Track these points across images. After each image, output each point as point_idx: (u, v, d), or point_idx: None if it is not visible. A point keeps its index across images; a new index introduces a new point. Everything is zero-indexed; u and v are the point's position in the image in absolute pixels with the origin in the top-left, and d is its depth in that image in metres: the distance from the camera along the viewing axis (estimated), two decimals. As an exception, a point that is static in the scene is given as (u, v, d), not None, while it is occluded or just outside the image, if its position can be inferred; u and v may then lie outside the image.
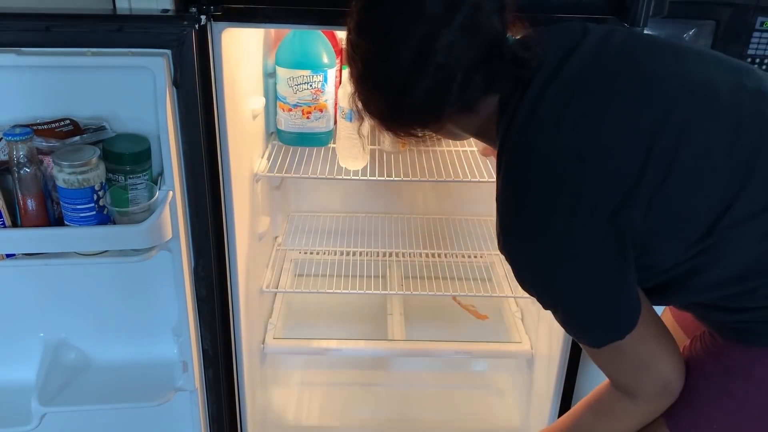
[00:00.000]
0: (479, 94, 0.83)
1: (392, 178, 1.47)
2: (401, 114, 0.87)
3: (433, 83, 0.80)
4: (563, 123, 0.79)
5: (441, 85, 0.80)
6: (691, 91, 0.79)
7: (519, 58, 0.81)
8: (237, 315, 1.31)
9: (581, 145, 0.78)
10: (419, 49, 0.78)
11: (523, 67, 0.81)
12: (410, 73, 0.80)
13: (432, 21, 0.78)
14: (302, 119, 1.44)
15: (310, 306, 1.88)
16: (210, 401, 1.32)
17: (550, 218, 0.79)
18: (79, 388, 1.22)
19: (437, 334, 1.71)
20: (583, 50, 0.83)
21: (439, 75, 0.79)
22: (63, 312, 1.23)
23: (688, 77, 0.81)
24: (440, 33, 0.77)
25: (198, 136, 1.08)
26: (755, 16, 1.21)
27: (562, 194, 0.78)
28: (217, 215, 1.18)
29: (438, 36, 0.77)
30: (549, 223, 0.79)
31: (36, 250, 1.05)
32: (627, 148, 0.77)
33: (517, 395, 1.75)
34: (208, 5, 1.02)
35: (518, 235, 0.84)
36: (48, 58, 0.98)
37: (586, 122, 0.78)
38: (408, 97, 0.82)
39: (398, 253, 1.83)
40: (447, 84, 0.80)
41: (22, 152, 0.97)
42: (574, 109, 0.79)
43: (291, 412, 1.74)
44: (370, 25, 0.83)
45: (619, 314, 0.81)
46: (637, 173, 0.76)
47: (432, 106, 0.83)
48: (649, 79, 0.81)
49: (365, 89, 0.87)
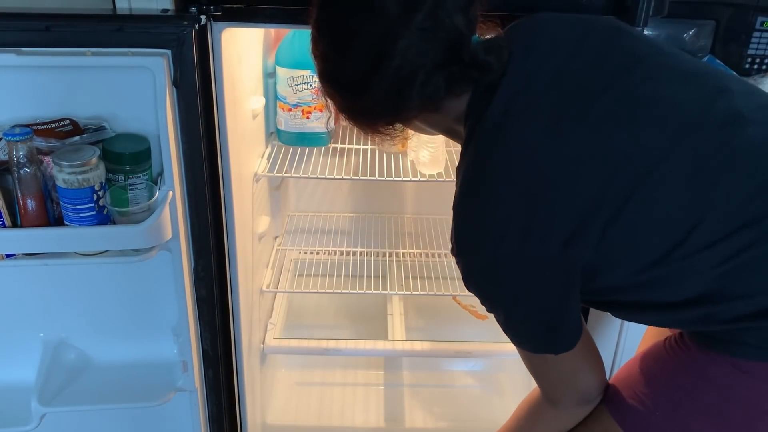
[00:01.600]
0: (441, 95, 0.80)
1: (392, 178, 1.47)
2: (363, 113, 0.86)
3: (390, 85, 0.78)
4: (528, 141, 0.77)
5: (398, 86, 0.78)
6: (662, 118, 0.76)
7: (480, 62, 0.78)
8: (237, 315, 1.31)
9: (545, 167, 0.76)
10: (376, 50, 0.76)
11: (485, 72, 0.79)
12: (368, 74, 0.78)
13: (389, 21, 0.75)
14: (302, 119, 1.44)
15: (310, 306, 1.88)
16: (210, 401, 1.32)
17: (503, 237, 0.78)
18: (79, 388, 1.22)
19: (437, 334, 1.71)
20: (557, 55, 0.81)
21: (396, 77, 0.77)
22: (63, 312, 1.23)
23: (661, 101, 0.77)
24: (397, 34, 0.75)
25: (198, 136, 1.08)
26: (755, 16, 1.21)
27: (518, 215, 0.77)
28: (217, 215, 1.18)
29: (395, 37, 0.75)
30: (501, 241, 0.78)
31: (36, 250, 1.05)
32: (589, 177, 0.75)
33: (517, 395, 1.75)
34: (208, 5, 1.02)
35: (470, 243, 0.83)
36: (48, 58, 0.98)
37: (552, 143, 0.76)
38: (366, 97, 0.81)
39: (398, 253, 1.83)
40: (405, 86, 0.78)
41: (22, 152, 0.97)
42: (541, 128, 0.77)
43: (291, 412, 1.74)
44: (327, 23, 0.81)
45: (559, 335, 0.84)
46: (595, 204, 0.74)
47: (391, 106, 0.81)
48: (619, 100, 0.77)
49: (327, 86, 0.86)
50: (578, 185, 0.75)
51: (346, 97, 0.85)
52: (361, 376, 1.87)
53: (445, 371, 1.89)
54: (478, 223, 0.81)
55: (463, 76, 0.79)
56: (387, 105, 0.81)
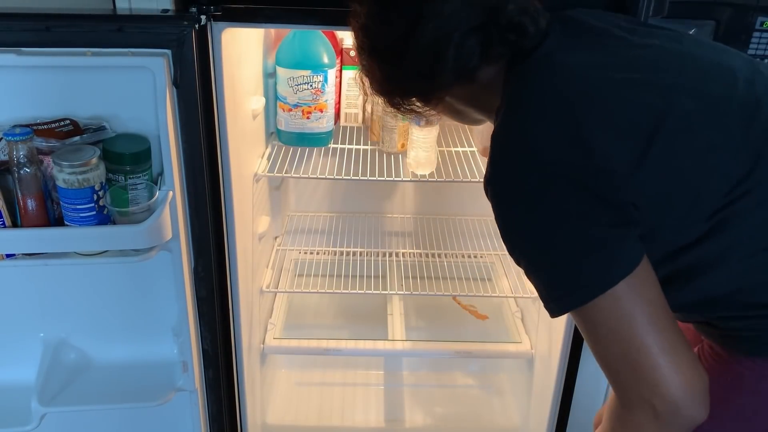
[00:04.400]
0: (476, 61, 0.81)
1: (392, 178, 1.47)
2: (399, 82, 0.86)
3: (427, 46, 0.79)
4: (573, 61, 0.77)
5: (436, 49, 0.79)
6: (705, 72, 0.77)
7: (515, 24, 0.79)
8: (237, 315, 1.31)
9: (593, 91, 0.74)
10: (415, 11, 0.78)
11: (521, 34, 0.80)
12: (406, 35, 0.80)
13: None
14: (302, 119, 1.44)
15: (310, 306, 1.88)
16: (210, 401, 1.32)
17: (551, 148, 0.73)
18: (79, 388, 1.22)
19: (437, 334, 1.71)
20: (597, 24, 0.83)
21: (433, 38, 0.78)
22: (63, 312, 1.23)
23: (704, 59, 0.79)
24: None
25: (198, 136, 1.08)
26: (755, 16, 1.21)
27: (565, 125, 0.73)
28: (217, 215, 1.18)
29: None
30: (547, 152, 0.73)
31: (36, 250, 1.05)
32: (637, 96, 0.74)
33: (517, 395, 1.75)
34: (208, 5, 1.02)
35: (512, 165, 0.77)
36: (48, 58, 0.98)
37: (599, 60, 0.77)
38: (405, 63, 0.82)
39: (398, 253, 1.84)
40: (442, 48, 0.79)
41: (22, 152, 0.97)
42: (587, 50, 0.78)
43: (291, 412, 1.74)
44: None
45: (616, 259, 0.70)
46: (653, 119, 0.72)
47: (428, 71, 0.82)
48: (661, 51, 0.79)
49: (365, 57, 0.88)
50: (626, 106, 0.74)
51: (384, 67, 0.86)
52: (361, 376, 1.87)
53: (445, 371, 1.89)
54: (518, 135, 0.76)
55: (499, 39, 0.80)
56: (424, 70, 0.82)
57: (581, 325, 0.74)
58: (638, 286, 0.70)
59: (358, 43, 0.88)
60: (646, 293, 0.71)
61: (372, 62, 0.87)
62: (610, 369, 0.73)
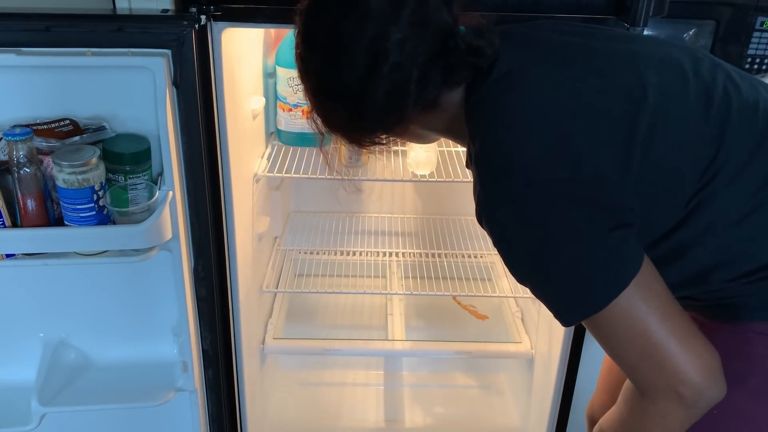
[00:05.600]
0: (439, 88, 0.81)
1: (392, 178, 1.47)
2: (363, 122, 0.84)
3: (390, 84, 0.77)
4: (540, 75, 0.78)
5: (399, 84, 0.78)
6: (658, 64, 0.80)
7: (474, 47, 0.79)
8: (237, 315, 1.31)
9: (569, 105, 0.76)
10: (371, 51, 0.76)
11: (479, 55, 0.80)
12: (366, 77, 0.77)
13: (380, 20, 0.75)
14: (302, 119, 1.44)
15: (310, 306, 1.88)
16: (210, 401, 1.32)
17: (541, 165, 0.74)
18: (79, 388, 1.22)
19: (437, 334, 1.71)
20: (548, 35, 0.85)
21: (396, 75, 0.77)
22: (63, 312, 1.23)
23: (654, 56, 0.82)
24: (390, 31, 0.75)
25: (198, 136, 1.08)
26: (755, 16, 1.21)
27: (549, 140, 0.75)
28: (217, 215, 1.18)
29: (388, 35, 0.75)
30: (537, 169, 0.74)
31: (36, 250, 1.05)
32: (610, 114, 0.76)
33: (517, 395, 1.75)
34: (208, 5, 1.02)
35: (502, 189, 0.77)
36: (48, 58, 0.98)
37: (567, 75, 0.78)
38: (368, 103, 0.79)
39: (398, 253, 1.84)
40: (405, 83, 0.78)
41: (22, 152, 0.97)
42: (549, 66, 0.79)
43: (291, 412, 1.74)
44: (317, 35, 0.80)
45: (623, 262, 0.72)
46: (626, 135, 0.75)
47: (393, 107, 0.80)
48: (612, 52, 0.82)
49: (323, 103, 0.85)
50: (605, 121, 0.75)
51: (344, 110, 0.83)
52: (361, 376, 1.87)
53: (445, 371, 1.89)
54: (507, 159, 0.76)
55: (460, 64, 0.80)
56: (389, 107, 0.80)
57: (596, 330, 0.75)
58: (645, 282, 0.72)
59: (309, 87, 0.84)
60: (653, 287, 0.73)
61: (330, 107, 0.84)
62: (628, 365, 0.75)
